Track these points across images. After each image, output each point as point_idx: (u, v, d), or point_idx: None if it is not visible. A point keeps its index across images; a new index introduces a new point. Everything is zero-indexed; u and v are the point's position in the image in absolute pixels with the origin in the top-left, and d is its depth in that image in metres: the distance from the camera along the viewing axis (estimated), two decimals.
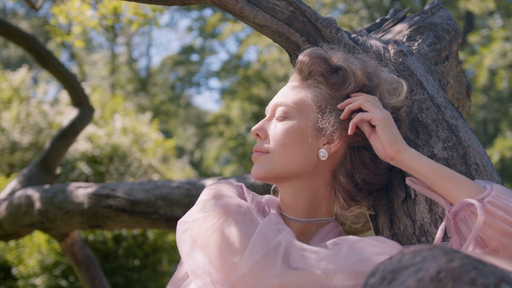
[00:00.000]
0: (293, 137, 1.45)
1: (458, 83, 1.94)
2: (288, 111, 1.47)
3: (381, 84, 1.48)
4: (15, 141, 10.68)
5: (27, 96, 11.99)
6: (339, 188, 1.47)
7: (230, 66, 20.46)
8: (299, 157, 1.45)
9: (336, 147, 1.45)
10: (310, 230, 1.50)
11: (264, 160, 1.48)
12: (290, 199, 1.50)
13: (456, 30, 1.89)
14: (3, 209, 3.58)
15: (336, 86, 1.46)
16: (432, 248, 1.01)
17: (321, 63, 1.48)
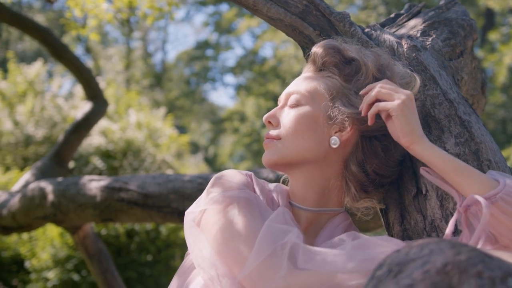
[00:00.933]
0: (304, 123, 1.47)
1: (472, 79, 1.95)
2: (301, 99, 1.49)
3: (394, 77, 1.49)
4: (29, 134, 10.78)
5: (42, 89, 12.09)
6: (350, 177, 1.48)
7: (246, 61, 20.48)
8: (310, 143, 1.46)
9: (348, 135, 1.46)
10: (320, 221, 1.50)
11: (275, 147, 1.49)
12: (300, 188, 1.51)
13: (471, 26, 1.89)
14: (17, 201, 3.63)
15: (349, 77, 1.48)
16: (439, 241, 1.02)
17: (334, 54, 1.50)
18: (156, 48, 25.85)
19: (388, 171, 1.51)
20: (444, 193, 1.49)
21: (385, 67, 1.50)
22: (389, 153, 1.49)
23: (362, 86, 1.47)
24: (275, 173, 2.74)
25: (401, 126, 1.37)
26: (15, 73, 11.67)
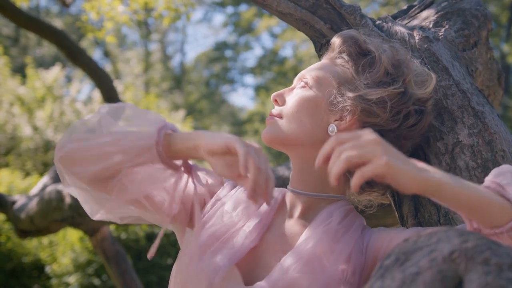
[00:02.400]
0: (306, 105, 1.48)
1: (488, 70, 1.94)
2: (309, 82, 1.51)
3: (409, 74, 1.49)
4: (48, 139, 10.92)
5: (61, 94, 12.23)
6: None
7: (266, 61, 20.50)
8: (308, 127, 1.47)
9: (346, 125, 1.46)
10: (319, 206, 1.49)
11: (275, 124, 1.51)
12: (298, 172, 1.52)
13: (486, 16, 1.89)
14: (34, 204, 3.69)
15: (362, 69, 1.49)
16: (448, 229, 1.03)
17: (351, 44, 1.52)
18: (175, 50, 26.04)
19: None
20: None
21: (401, 63, 1.50)
22: None
23: (373, 79, 1.47)
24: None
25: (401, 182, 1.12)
26: (33, 79, 11.82)
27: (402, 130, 1.47)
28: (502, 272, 0.89)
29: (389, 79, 1.47)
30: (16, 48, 20.70)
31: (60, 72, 12.44)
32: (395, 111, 1.45)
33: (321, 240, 1.38)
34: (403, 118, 1.46)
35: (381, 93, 1.44)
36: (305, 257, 1.34)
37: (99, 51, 22.97)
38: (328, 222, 1.43)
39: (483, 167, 1.49)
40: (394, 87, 1.45)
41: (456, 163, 1.52)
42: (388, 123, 1.45)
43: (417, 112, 1.48)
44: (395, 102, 1.44)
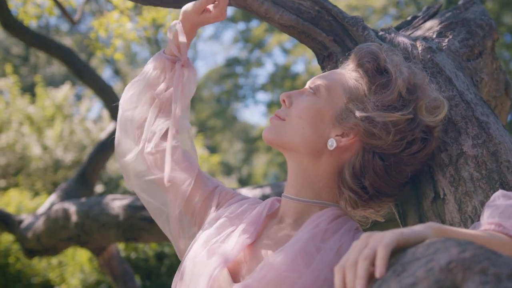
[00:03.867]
0: (310, 114, 1.49)
1: (494, 80, 1.95)
2: (319, 89, 1.52)
3: (423, 99, 1.48)
4: (58, 159, 10.99)
5: (70, 113, 12.31)
6: (344, 184, 1.49)
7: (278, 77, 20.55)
8: (308, 136, 1.48)
9: (347, 143, 1.47)
10: (311, 212, 1.50)
11: (277, 126, 1.54)
12: (293, 176, 1.54)
13: (491, 25, 1.90)
14: (41, 223, 3.72)
15: (375, 88, 1.48)
16: (445, 240, 1.03)
17: (370, 60, 1.51)
18: None
19: (388, 190, 1.50)
20: (462, 196, 1.49)
21: (417, 87, 1.49)
22: (392, 173, 1.48)
23: (384, 102, 1.46)
24: None
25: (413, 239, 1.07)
26: (43, 97, 11.91)
27: (403, 156, 1.47)
28: (500, 282, 0.89)
29: (400, 104, 1.46)
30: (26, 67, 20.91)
31: (70, 90, 12.55)
32: (399, 136, 1.44)
33: (309, 239, 1.39)
34: (407, 144, 1.45)
35: (389, 118, 1.43)
36: (292, 255, 1.34)
37: (109, 69, 23.15)
38: (317, 223, 1.43)
39: (488, 178, 1.49)
40: (403, 113, 1.44)
41: (460, 174, 1.52)
42: (390, 147, 1.45)
43: (422, 139, 1.48)
44: (401, 128, 1.44)
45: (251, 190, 2.89)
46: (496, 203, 1.28)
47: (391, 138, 1.43)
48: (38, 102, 11.90)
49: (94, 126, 12.53)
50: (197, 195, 1.72)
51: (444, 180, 1.54)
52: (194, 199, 1.71)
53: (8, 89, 11.60)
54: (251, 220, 1.53)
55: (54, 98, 12.06)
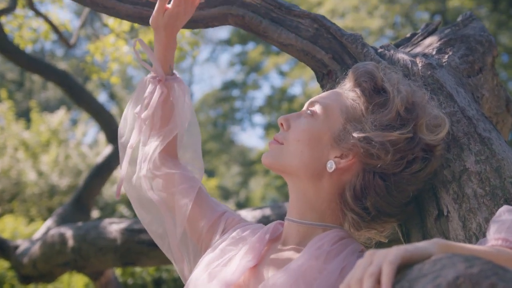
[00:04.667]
0: (308, 137, 1.48)
1: (495, 97, 1.95)
2: (316, 112, 1.51)
3: (423, 118, 1.47)
4: (53, 184, 10.96)
5: (66, 138, 12.32)
6: (347, 206, 1.48)
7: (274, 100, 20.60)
8: (306, 159, 1.48)
9: (346, 164, 1.46)
10: (314, 234, 1.49)
11: (275, 150, 1.53)
12: (294, 200, 1.53)
13: (490, 42, 1.91)
14: (37, 248, 3.70)
15: (373, 108, 1.47)
16: (452, 255, 1.02)
17: (367, 80, 1.50)
18: None
19: (392, 211, 1.49)
20: (466, 213, 1.49)
21: (416, 106, 1.48)
22: (393, 193, 1.46)
23: (382, 121, 1.45)
24: None
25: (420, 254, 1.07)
26: (38, 123, 11.92)
27: (404, 175, 1.45)
28: None
29: (399, 123, 1.45)
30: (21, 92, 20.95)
31: (65, 115, 12.56)
32: (399, 156, 1.43)
33: (311, 260, 1.37)
34: (407, 163, 1.44)
35: (387, 137, 1.42)
36: (293, 276, 1.33)
37: (105, 93, 23.20)
38: (319, 244, 1.42)
39: (491, 195, 1.48)
40: (402, 132, 1.43)
41: (464, 191, 1.51)
42: (390, 167, 1.44)
43: (423, 158, 1.47)
44: (400, 147, 1.43)
45: (251, 212, 2.88)
46: (502, 218, 1.27)
47: (391, 157, 1.42)
48: (33, 127, 11.90)
49: (89, 150, 12.53)
50: (203, 221, 1.73)
51: (447, 197, 1.53)
52: (199, 224, 1.73)
53: (3, 114, 11.62)
54: (253, 244, 1.52)
55: (50, 123, 12.07)
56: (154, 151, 1.78)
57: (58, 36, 5.09)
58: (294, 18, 1.89)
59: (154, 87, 1.80)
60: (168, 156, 1.83)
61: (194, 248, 1.75)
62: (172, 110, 1.82)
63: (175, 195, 1.75)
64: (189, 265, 1.76)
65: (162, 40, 1.78)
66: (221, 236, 1.66)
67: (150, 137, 1.80)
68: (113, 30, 5.61)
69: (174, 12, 1.75)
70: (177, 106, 1.82)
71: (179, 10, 1.75)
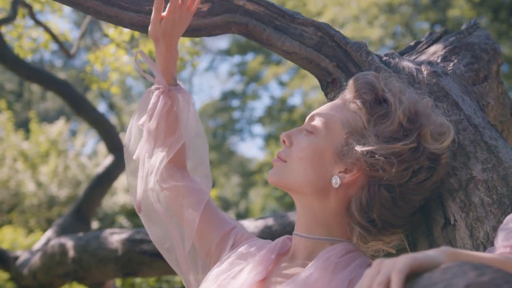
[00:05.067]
0: (310, 154, 1.48)
1: (500, 105, 1.95)
2: (317, 127, 1.51)
3: (427, 126, 1.45)
4: (52, 195, 10.94)
5: (65, 148, 12.31)
6: (353, 220, 1.47)
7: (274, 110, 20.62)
8: (310, 176, 1.47)
9: (351, 178, 1.45)
10: (322, 249, 1.48)
11: (279, 168, 1.53)
12: (301, 216, 1.53)
13: (495, 50, 1.91)
14: (37, 259, 3.68)
15: (375, 120, 1.46)
16: (462, 264, 1.01)
17: (367, 91, 1.49)
18: None
19: (398, 221, 1.49)
20: (473, 222, 1.48)
21: (419, 115, 1.46)
22: (399, 205, 1.46)
23: (384, 133, 1.44)
24: None
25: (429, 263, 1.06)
26: (37, 133, 11.92)
27: (410, 186, 1.45)
28: None
29: (402, 134, 1.44)
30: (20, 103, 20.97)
31: (64, 126, 12.56)
32: (404, 166, 1.42)
33: (319, 271, 1.37)
34: (413, 173, 1.43)
35: (391, 149, 1.41)
36: (301, 286, 1.33)
37: (104, 104, 23.22)
38: (327, 256, 1.41)
39: (499, 203, 1.48)
40: (405, 143, 1.42)
41: (471, 200, 1.51)
42: (395, 178, 1.43)
43: (429, 167, 1.46)
44: (405, 158, 1.42)
45: (253, 222, 2.87)
46: (509, 226, 1.26)
47: (395, 169, 1.41)
48: (32, 138, 11.90)
49: (89, 161, 12.52)
50: (212, 235, 1.73)
51: (454, 206, 1.52)
52: (208, 239, 1.73)
53: (2, 125, 11.62)
54: (262, 258, 1.51)
55: (49, 134, 12.06)
56: (161, 163, 1.77)
57: (58, 46, 5.10)
58: (298, 26, 1.89)
59: (158, 98, 1.78)
60: (175, 167, 1.82)
61: (203, 263, 1.75)
62: (176, 121, 1.81)
63: (182, 208, 1.75)
64: (197, 278, 1.76)
65: (162, 50, 1.77)
66: (230, 251, 1.66)
67: (155, 149, 1.79)
68: (114, 40, 5.62)
69: (170, 19, 1.75)
70: (181, 116, 1.81)
71: (174, 17, 1.75)
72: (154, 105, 1.78)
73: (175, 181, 1.79)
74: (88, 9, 1.95)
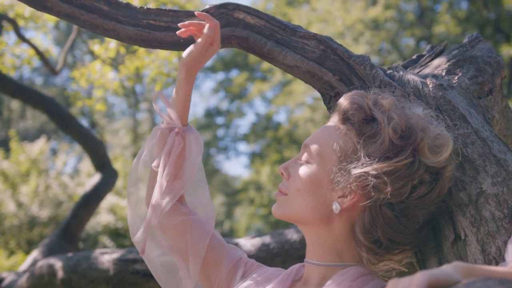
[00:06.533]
0: (307, 184, 1.50)
1: (504, 118, 1.95)
2: (312, 156, 1.52)
3: (424, 140, 1.44)
4: (33, 215, 10.82)
5: (46, 168, 12.21)
6: (359, 244, 1.48)
7: (259, 128, 20.64)
8: (310, 205, 1.49)
9: (351, 202, 1.45)
10: (334, 274, 1.48)
11: (281, 202, 1.57)
12: (310, 244, 1.56)
13: (499, 63, 1.92)
14: (24, 281, 3.63)
15: (365, 140, 1.45)
16: (486, 279, 1.00)
17: (355, 111, 1.49)
18: None
19: (404, 239, 1.48)
20: (484, 237, 1.47)
21: (413, 130, 1.45)
22: (402, 221, 1.45)
23: (375, 151, 1.43)
24: (299, 233, 2.73)
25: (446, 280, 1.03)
26: (17, 152, 11.82)
27: (411, 201, 1.44)
28: None
29: (393, 152, 1.43)
30: None
31: (45, 145, 12.47)
32: (401, 183, 1.41)
33: None
34: (412, 188, 1.43)
35: (385, 168, 1.41)
36: None
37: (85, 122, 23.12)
38: (340, 280, 1.42)
39: (510, 217, 1.47)
40: (398, 159, 1.41)
41: (481, 214, 1.50)
42: (394, 196, 1.42)
43: (430, 181, 1.45)
44: (400, 174, 1.41)
45: (250, 240, 2.85)
46: None
47: (391, 187, 1.40)
48: (12, 157, 11.79)
49: (71, 181, 12.42)
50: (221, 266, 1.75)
51: (464, 221, 1.51)
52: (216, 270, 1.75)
53: None
54: (276, 284, 1.55)
55: (29, 153, 11.96)
56: (166, 205, 1.76)
57: (43, 62, 5.07)
58: (299, 40, 1.88)
59: (173, 140, 1.79)
60: (178, 203, 1.83)
61: None
62: (183, 162, 1.82)
63: (188, 243, 1.76)
64: None
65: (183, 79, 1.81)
66: (241, 281, 1.68)
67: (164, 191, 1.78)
68: (99, 56, 5.61)
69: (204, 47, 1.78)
70: (189, 158, 1.82)
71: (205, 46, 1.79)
72: (170, 147, 1.79)
73: (179, 216, 1.80)
74: (84, 22, 1.94)
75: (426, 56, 1.97)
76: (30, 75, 22.55)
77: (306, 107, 17.37)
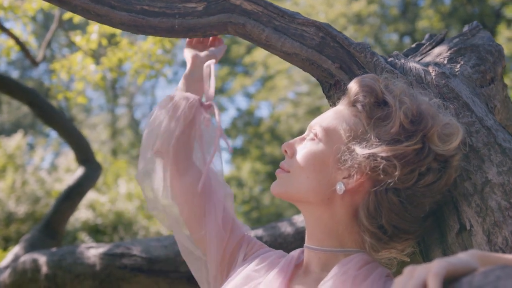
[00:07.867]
0: (312, 162, 1.48)
1: (505, 108, 1.95)
2: (318, 135, 1.50)
3: (434, 127, 1.43)
4: (10, 211, 10.70)
5: (23, 163, 12.09)
6: (362, 228, 1.46)
7: (241, 123, 20.62)
8: (314, 184, 1.47)
9: (356, 184, 1.44)
10: (336, 261, 1.47)
11: (283, 179, 1.54)
12: (310, 227, 1.53)
13: (500, 51, 1.91)
14: (6, 276, 3.57)
15: (375, 122, 1.45)
16: (503, 267, 0.99)
17: (367, 94, 1.49)
18: (143, 114, 26.10)
19: (409, 227, 1.46)
20: (490, 227, 1.46)
21: (423, 115, 1.44)
22: (408, 209, 1.44)
23: (386, 135, 1.42)
24: (293, 226, 2.72)
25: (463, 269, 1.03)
26: None
27: (418, 188, 1.43)
28: None
29: (404, 136, 1.42)
30: None
31: (22, 139, 12.34)
32: (409, 169, 1.40)
33: (337, 285, 1.35)
34: (419, 175, 1.42)
35: (393, 151, 1.40)
36: None
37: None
38: (344, 270, 1.40)
39: None
40: (408, 144, 1.40)
41: (487, 204, 1.49)
42: (401, 181, 1.41)
43: (438, 169, 1.44)
44: (409, 160, 1.40)
45: None
46: None
47: (399, 171, 1.39)
48: None
49: (48, 176, 12.31)
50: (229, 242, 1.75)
51: (470, 211, 1.50)
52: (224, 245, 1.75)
53: None
54: (278, 272, 1.51)
55: (6, 148, 11.83)
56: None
57: (24, 53, 5.00)
58: (298, 27, 1.86)
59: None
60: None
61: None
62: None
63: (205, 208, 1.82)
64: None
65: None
66: (243, 261, 1.67)
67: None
68: (80, 47, 5.54)
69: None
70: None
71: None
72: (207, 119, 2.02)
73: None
74: (75, 7, 1.90)
75: (426, 44, 1.96)
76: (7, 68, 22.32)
77: (288, 102, 17.37)
